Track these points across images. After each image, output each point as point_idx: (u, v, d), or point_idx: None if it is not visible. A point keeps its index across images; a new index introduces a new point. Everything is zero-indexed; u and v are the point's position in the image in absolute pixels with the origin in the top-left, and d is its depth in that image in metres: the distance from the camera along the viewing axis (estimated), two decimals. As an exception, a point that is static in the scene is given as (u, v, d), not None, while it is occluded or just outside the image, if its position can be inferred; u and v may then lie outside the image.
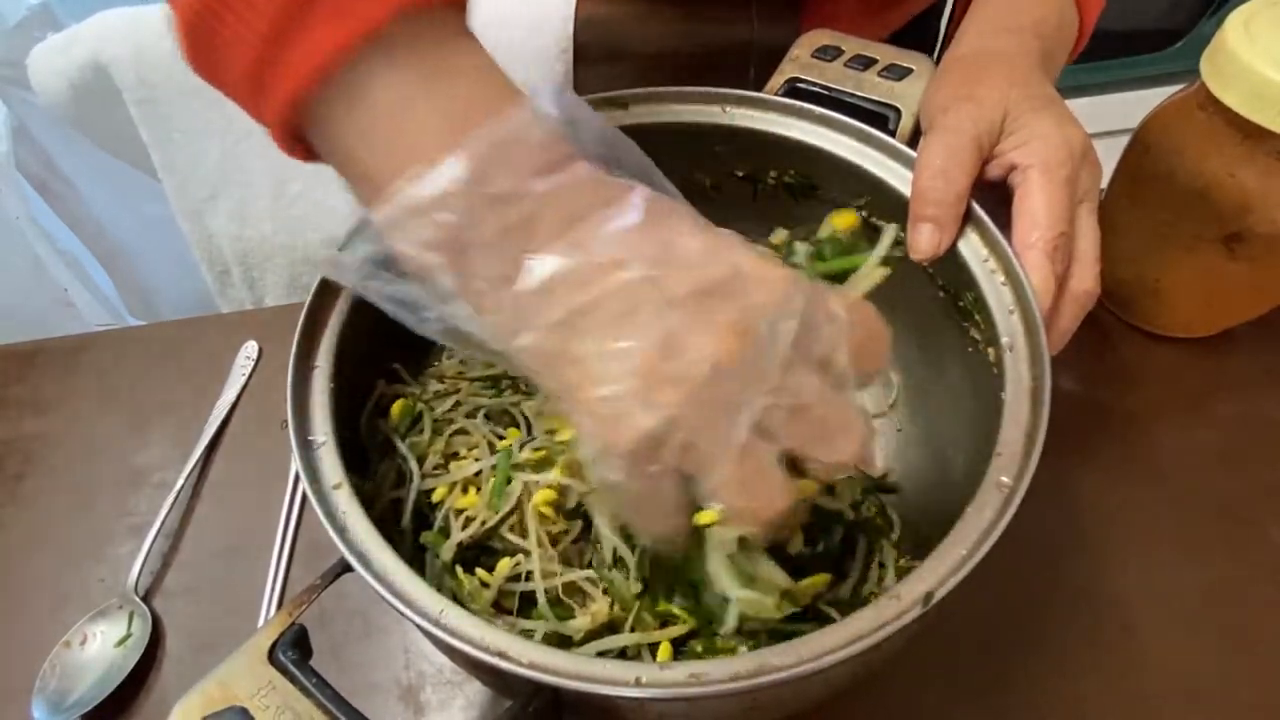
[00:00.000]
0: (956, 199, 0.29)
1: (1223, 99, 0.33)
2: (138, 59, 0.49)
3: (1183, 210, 0.36)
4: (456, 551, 0.29)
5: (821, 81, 0.39)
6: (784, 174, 0.37)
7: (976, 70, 0.31)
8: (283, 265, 0.55)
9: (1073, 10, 0.36)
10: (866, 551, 0.30)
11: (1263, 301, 0.39)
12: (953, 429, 0.33)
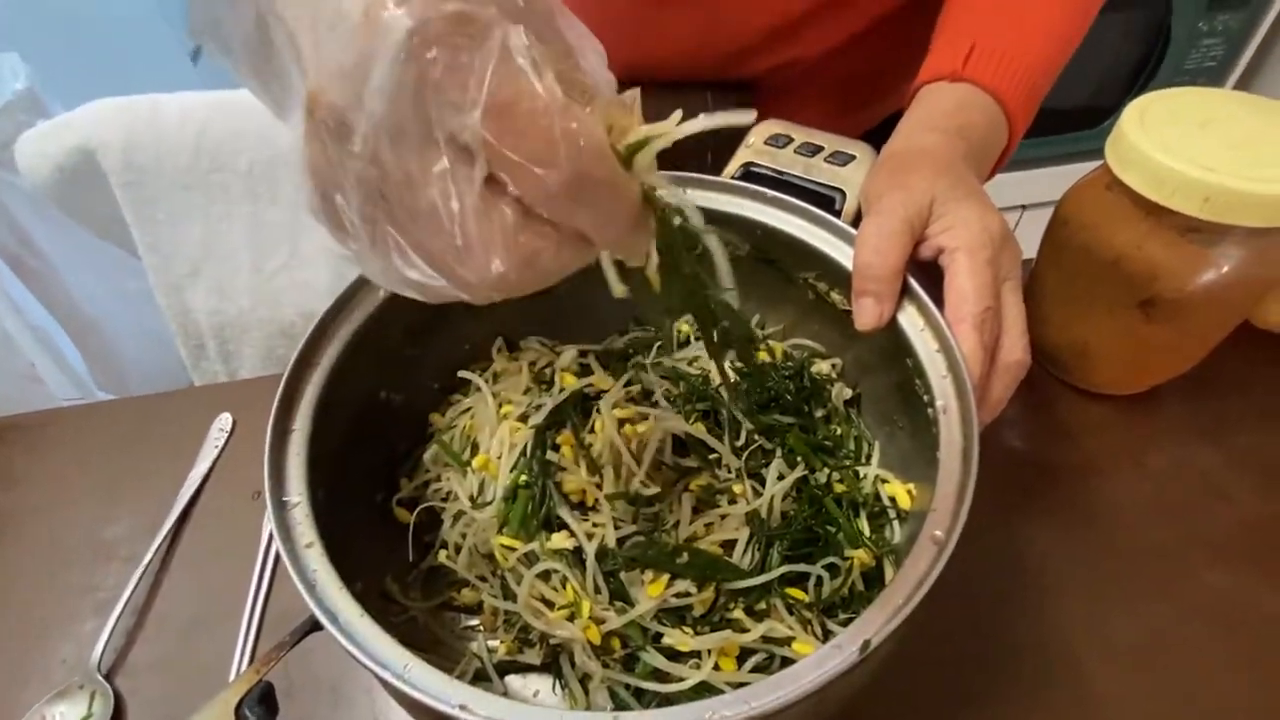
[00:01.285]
0: (892, 275, 0.32)
1: (1125, 180, 0.37)
2: (126, 145, 0.51)
3: (1101, 278, 0.39)
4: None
5: (774, 166, 0.42)
6: (738, 249, 0.40)
7: (908, 163, 0.35)
8: (259, 338, 0.57)
9: (1002, 121, 0.40)
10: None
11: (1182, 360, 0.43)
12: (922, 492, 0.34)
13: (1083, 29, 0.44)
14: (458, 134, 0.17)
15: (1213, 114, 0.37)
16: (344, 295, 0.34)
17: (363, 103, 0.17)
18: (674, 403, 0.37)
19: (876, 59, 0.51)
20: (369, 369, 0.36)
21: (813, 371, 0.40)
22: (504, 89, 0.16)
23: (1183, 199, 0.35)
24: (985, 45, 0.40)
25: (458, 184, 0.17)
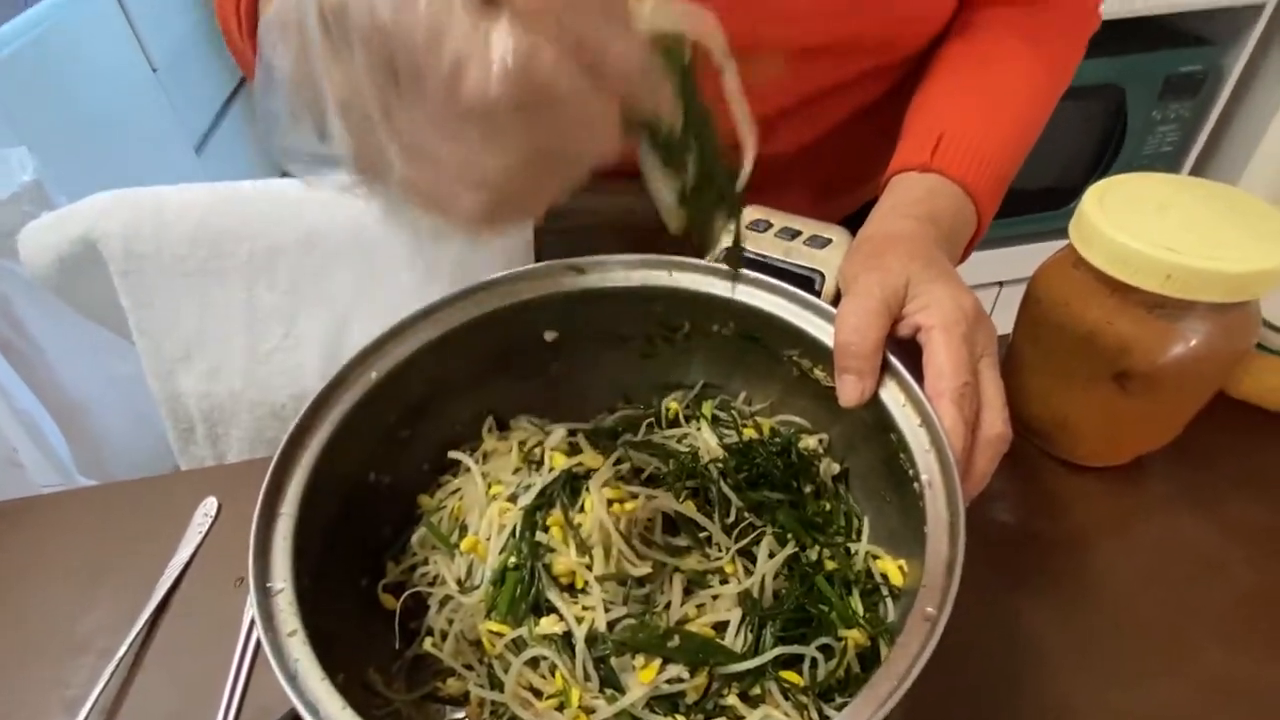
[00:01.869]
0: (872, 352, 0.33)
1: (1089, 260, 0.38)
2: (127, 235, 0.53)
3: (1075, 353, 0.41)
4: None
5: (756, 249, 0.44)
6: (724, 328, 0.41)
7: (883, 246, 0.37)
8: (248, 421, 0.57)
9: (970, 207, 0.42)
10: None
11: (1162, 431, 0.43)
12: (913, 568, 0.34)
13: (1041, 121, 0.48)
14: None
15: (1168, 198, 0.39)
16: (337, 377, 0.35)
17: None
18: (664, 481, 0.38)
19: (851, 151, 0.54)
20: (359, 451, 0.36)
21: (800, 447, 0.40)
22: None
23: (1145, 277, 0.36)
24: (951, 138, 0.43)
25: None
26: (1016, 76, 0.46)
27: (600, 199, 0.55)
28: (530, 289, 0.40)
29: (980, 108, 0.44)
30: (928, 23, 0.47)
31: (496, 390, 0.43)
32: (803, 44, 0.46)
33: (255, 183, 0.54)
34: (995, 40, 0.47)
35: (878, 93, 0.51)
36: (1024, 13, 0.47)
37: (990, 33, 0.47)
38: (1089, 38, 0.50)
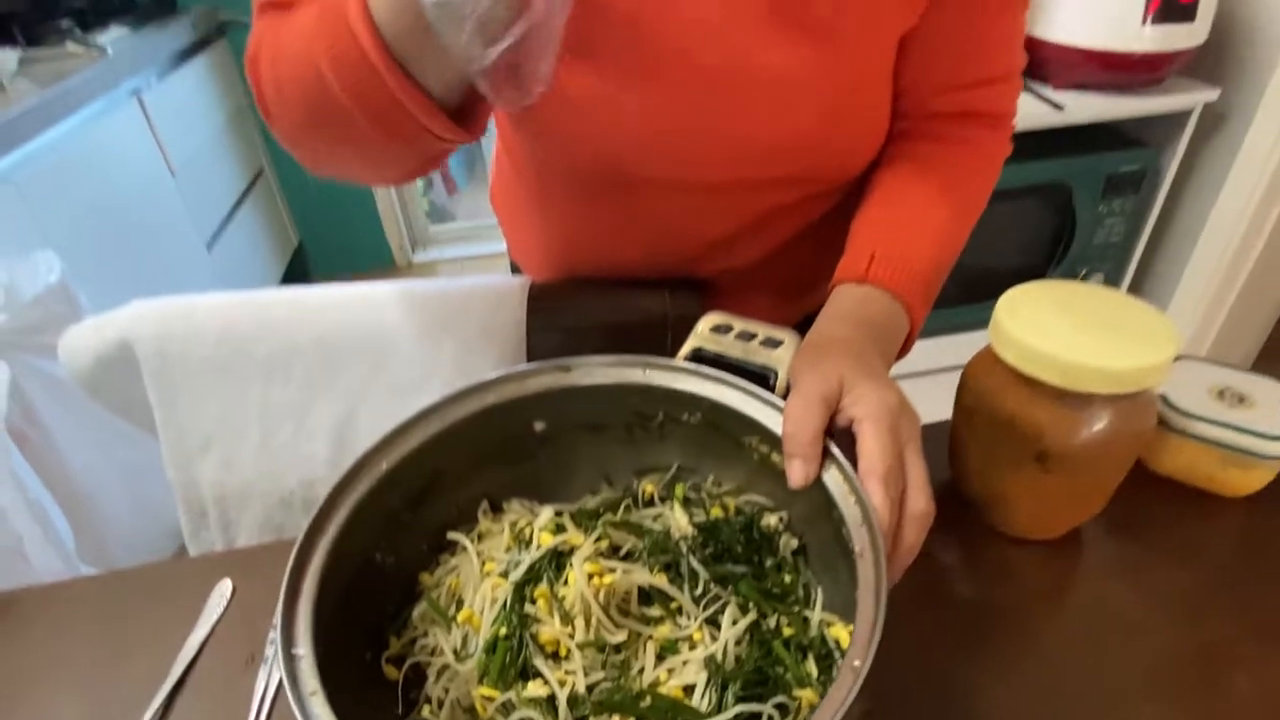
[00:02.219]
0: (813, 440, 0.38)
1: (1003, 357, 0.44)
2: (160, 337, 0.58)
3: (1001, 437, 0.46)
4: None
5: (718, 350, 0.50)
6: (692, 417, 0.47)
7: (823, 349, 0.43)
8: (259, 508, 0.61)
9: (901, 313, 0.49)
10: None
11: (1086, 506, 0.48)
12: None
13: (962, 236, 0.55)
14: None
15: (1067, 304, 0.46)
16: (352, 468, 0.40)
17: None
18: (639, 556, 0.42)
19: (804, 260, 0.61)
20: (368, 533, 0.40)
21: (762, 524, 0.45)
22: None
23: (1049, 373, 0.42)
24: (883, 254, 0.50)
25: None
26: (938, 201, 0.53)
27: (588, 303, 0.62)
28: (522, 386, 0.46)
29: (907, 229, 0.51)
30: (860, 156, 0.55)
31: (491, 476, 0.47)
32: (757, 178, 0.54)
33: (276, 290, 0.61)
34: (919, 171, 0.55)
35: (823, 211, 0.59)
36: (943, 148, 0.55)
37: (915, 164, 0.55)
38: (1002, 164, 0.58)
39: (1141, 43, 1.18)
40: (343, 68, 0.36)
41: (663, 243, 0.59)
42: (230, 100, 2.06)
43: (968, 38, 0.53)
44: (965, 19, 0.51)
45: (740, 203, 0.55)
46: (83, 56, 1.48)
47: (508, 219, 0.71)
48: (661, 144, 0.51)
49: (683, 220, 0.57)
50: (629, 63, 0.47)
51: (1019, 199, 1.34)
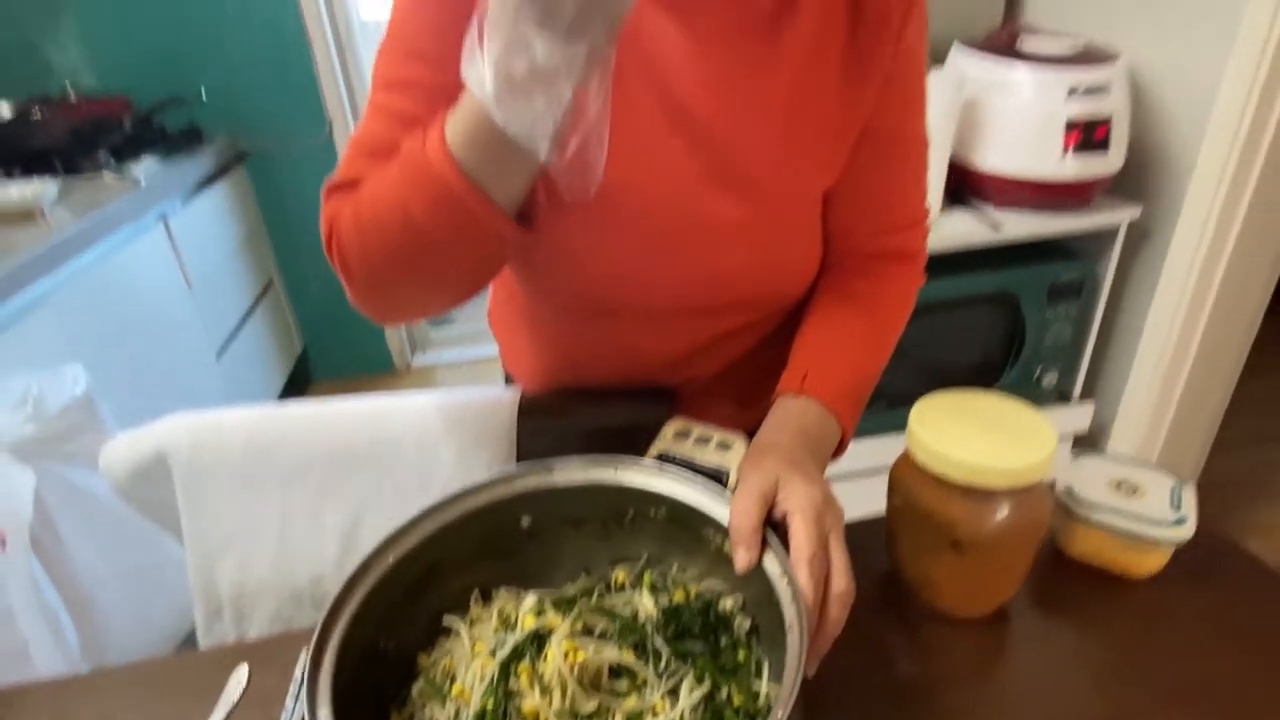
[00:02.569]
0: (753, 531, 0.46)
1: (916, 458, 0.53)
2: (192, 448, 0.66)
3: (923, 527, 0.54)
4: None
5: (680, 452, 0.58)
6: (658, 511, 0.54)
7: (764, 453, 0.51)
8: (271, 604, 0.67)
9: (833, 422, 0.58)
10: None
11: (1002, 587, 0.55)
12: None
13: (885, 355, 0.65)
14: None
15: (969, 410, 0.55)
16: (363, 563, 0.47)
17: None
18: (610, 636, 0.48)
19: (757, 371, 0.70)
20: (374, 621, 0.47)
21: (719, 607, 0.51)
22: None
23: (953, 471, 0.51)
24: (815, 371, 0.59)
25: None
26: (862, 326, 0.63)
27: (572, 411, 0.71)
28: (510, 487, 0.53)
29: (836, 349, 0.61)
30: (793, 286, 0.66)
31: (483, 569, 0.54)
32: (708, 305, 0.64)
33: (297, 404, 0.69)
34: (846, 301, 0.65)
35: (769, 331, 0.69)
36: (866, 281, 0.66)
37: (842, 294, 0.65)
38: (917, 292, 0.69)
39: (1064, 171, 1.33)
40: (431, 201, 0.46)
41: (632, 359, 0.68)
42: (246, 219, 2.22)
43: (879, 194, 0.64)
44: (876, 179, 0.63)
45: (696, 326, 0.65)
46: (117, 186, 1.63)
47: (502, 336, 0.81)
48: (626, 280, 0.61)
49: (648, 340, 0.67)
50: (600, 217, 0.58)
51: (972, 307, 1.46)
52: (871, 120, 0.60)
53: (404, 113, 0.53)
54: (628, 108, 0.54)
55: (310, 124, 2.28)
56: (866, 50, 0.56)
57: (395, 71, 0.55)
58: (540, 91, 0.39)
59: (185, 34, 2.09)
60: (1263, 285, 1.43)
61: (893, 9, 0.55)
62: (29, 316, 1.21)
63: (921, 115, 0.64)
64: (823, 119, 0.58)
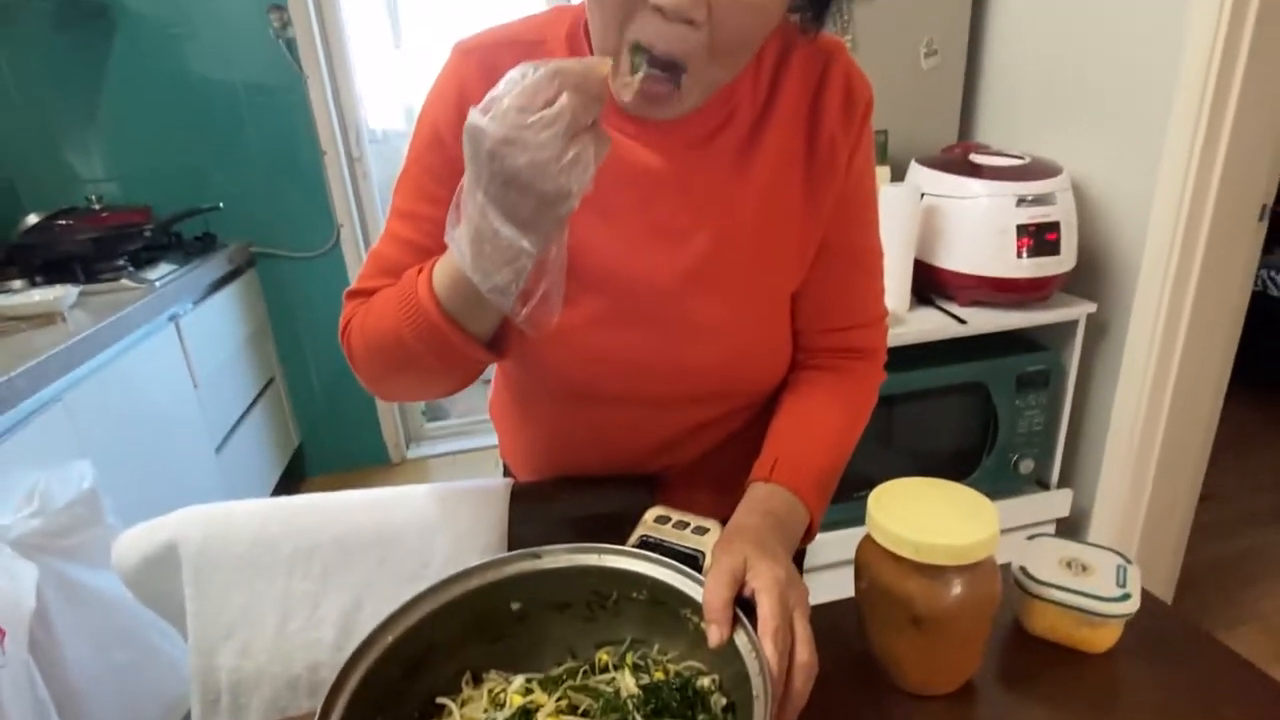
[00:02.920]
0: (724, 608, 0.50)
1: (877, 541, 0.58)
2: (203, 538, 0.70)
3: (885, 604, 0.58)
4: None
5: (659, 537, 0.63)
6: (640, 594, 0.58)
7: (735, 535, 0.56)
8: (268, 691, 0.69)
9: (800, 507, 0.63)
10: None
11: (963, 662, 0.59)
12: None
13: (850, 443, 0.70)
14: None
15: (920, 495, 0.60)
16: (364, 642, 0.50)
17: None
18: (593, 714, 0.52)
19: (734, 461, 0.76)
20: (372, 700, 0.50)
21: (697, 685, 0.55)
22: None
23: (906, 549, 0.55)
24: (783, 459, 0.65)
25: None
26: (828, 418, 0.70)
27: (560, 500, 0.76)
28: (500, 572, 0.57)
29: (803, 439, 0.67)
30: (769, 377, 0.72)
31: (475, 651, 0.58)
32: (691, 394, 0.70)
33: (304, 496, 0.74)
34: (813, 394, 0.71)
35: (745, 421, 0.75)
36: (832, 377, 0.73)
37: (810, 387, 0.72)
38: (879, 385, 0.76)
39: (1021, 270, 1.44)
40: (420, 331, 0.57)
41: (616, 445, 0.74)
42: (253, 318, 2.31)
43: (838, 296, 0.72)
44: (834, 284, 0.71)
45: (676, 415, 0.71)
46: (134, 290, 1.72)
47: (500, 426, 0.87)
48: (610, 372, 0.68)
49: (631, 428, 0.73)
50: (595, 311, 0.65)
51: (947, 396, 1.53)
52: (828, 233, 0.68)
53: (412, 241, 0.63)
54: (610, 218, 0.63)
55: (319, 229, 2.42)
56: (821, 175, 0.66)
57: (408, 204, 0.64)
58: (505, 265, 0.49)
59: (206, 148, 2.26)
60: (1217, 373, 1.51)
61: (839, 143, 0.65)
62: (44, 413, 1.26)
63: (873, 229, 0.73)
64: (788, 229, 0.67)
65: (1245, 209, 1.37)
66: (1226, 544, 2.04)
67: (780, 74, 0.64)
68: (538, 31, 0.64)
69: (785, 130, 0.64)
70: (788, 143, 0.65)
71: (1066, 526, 1.68)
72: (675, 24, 0.50)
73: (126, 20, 2.10)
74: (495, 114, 0.45)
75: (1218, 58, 1.26)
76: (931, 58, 1.73)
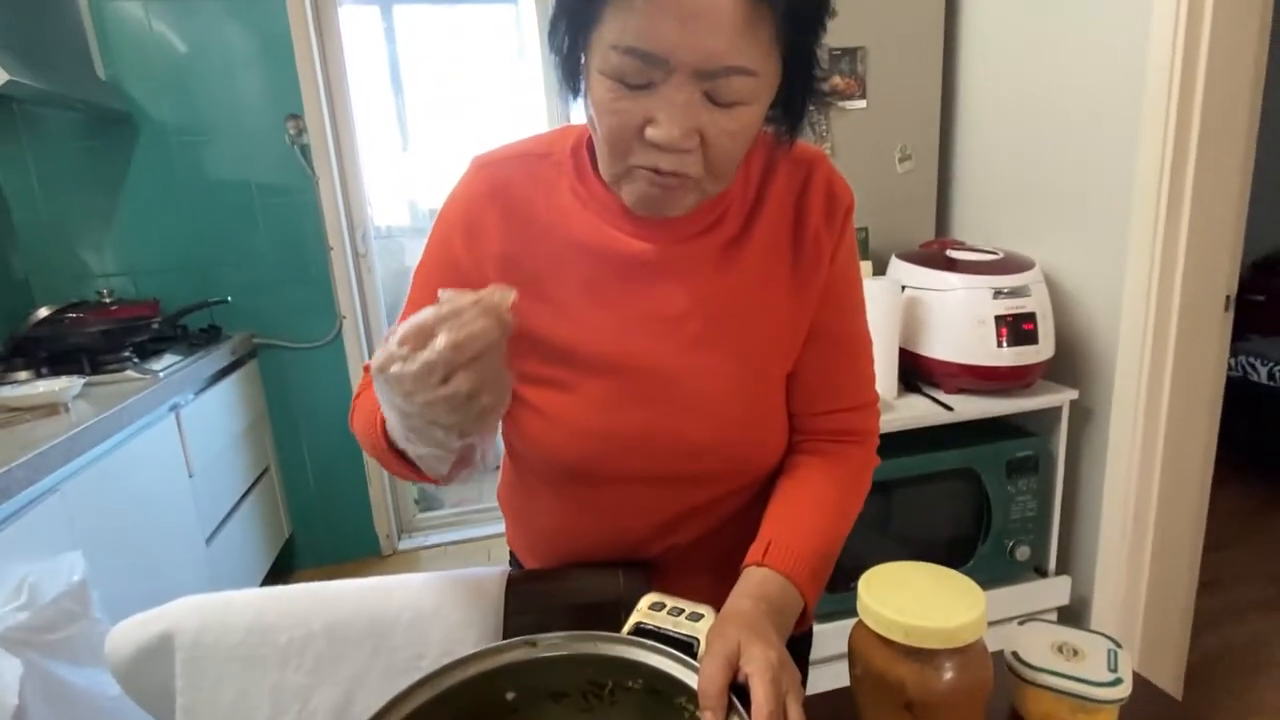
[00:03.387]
0: (719, 694, 0.51)
1: (867, 624, 0.59)
2: (199, 629, 0.70)
3: (878, 689, 0.58)
4: None
5: (654, 623, 0.63)
6: (635, 683, 0.59)
7: (729, 620, 0.57)
8: (254, 789, 0.67)
9: (794, 591, 0.64)
10: None
11: (960, 752, 0.58)
12: None
13: (844, 529, 0.72)
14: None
15: (909, 579, 0.61)
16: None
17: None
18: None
19: (731, 544, 0.77)
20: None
21: (692, 775, 0.54)
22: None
23: (896, 633, 0.56)
24: (776, 542, 0.66)
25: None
26: (822, 501, 0.72)
27: (555, 588, 0.76)
28: (495, 660, 0.58)
29: (797, 523, 0.69)
30: (767, 455, 0.75)
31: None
32: (693, 472, 0.72)
33: (302, 585, 0.74)
34: (807, 478, 0.74)
35: (743, 504, 0.77)
36: (825, 461, 0.75)
37: (804, 471, 0.74)
38: (873, 472, 0.78)
39: (1002, 359, 1.49)
40: (378, 451, 0.64)
41: (619, 528, 0.76)
42: (252, 408, 2.34)
43: (828, 381, 0.76)
44: (824, 369, 0.75)
45: (678, 494, 0.73)
46: (138, 381, 1.75)
47: (507, 512, 0.89)
48: (617, 448, 0.70)
49: (634, 510, 0.74)
50: (596, 393, 0.68)
51: (939, 483, 1.54)
52: (815, 320, 0.73)
53: None
54: (609, 304, 0.67)
55: (322, 320, 2.48)
56: (807, 267, 0.71)
57: (418, 295, 0.69)
58: (427, 446, 0.55)
59: (218, 243, 2.35)
60: (1202, 457, 1.54)
61: (824, 239, 0.70)
62: (40, 504, 1.26)
63: (859, 315, 0.77)
64: (778, 315, 0.71)
65: (1211, 300, 1.44)
66: (1232, 632, 2.01)
67: (767, 179, 0.71)
68: (546, 145, 0.71)
69: (772, 228, 0.70)
70: (775, 238, 0.70)
71: (1068, 615, 1.66)
72: (673, 153, 0.56)
73: (149, 127, 2.24)
74: (383, 344, 0.51)
75: (1169, 161, 1.36)
76: (906, 162, 1.85)
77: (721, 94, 0.54)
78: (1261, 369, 2.86)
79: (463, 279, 0.68)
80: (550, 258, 0.68)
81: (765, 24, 0.52)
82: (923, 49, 1.82)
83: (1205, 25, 1.29)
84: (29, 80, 1.65)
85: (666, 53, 0.52)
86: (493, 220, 0.69)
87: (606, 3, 0.53)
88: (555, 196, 0.69)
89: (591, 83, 0.57)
